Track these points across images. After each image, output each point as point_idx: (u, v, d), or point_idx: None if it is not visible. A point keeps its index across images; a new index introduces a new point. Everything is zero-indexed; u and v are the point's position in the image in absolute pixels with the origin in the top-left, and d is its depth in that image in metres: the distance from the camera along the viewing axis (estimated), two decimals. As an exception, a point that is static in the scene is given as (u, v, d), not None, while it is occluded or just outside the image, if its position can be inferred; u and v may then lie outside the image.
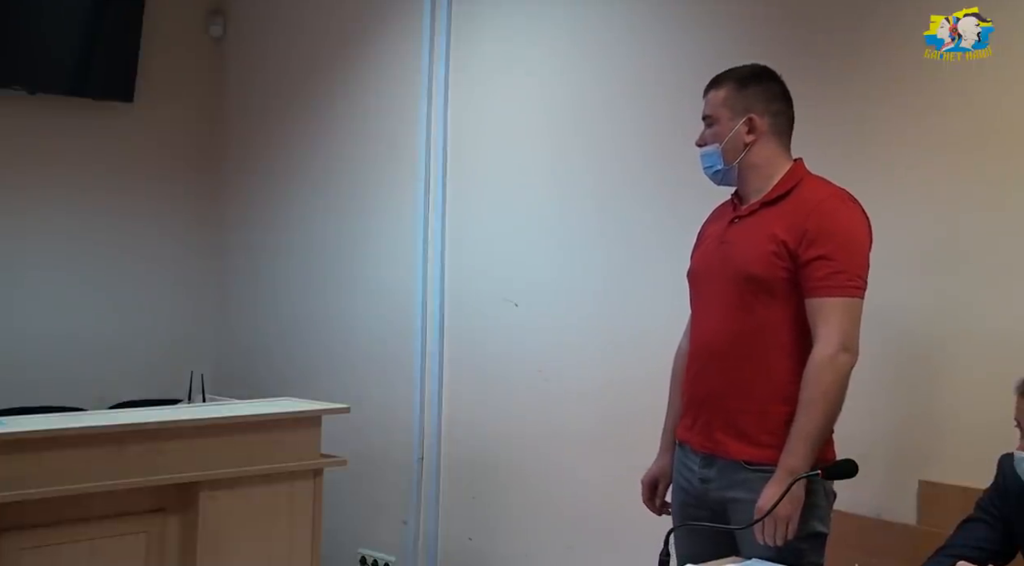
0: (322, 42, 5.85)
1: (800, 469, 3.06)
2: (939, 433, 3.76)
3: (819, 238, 3.20)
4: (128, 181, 6.09)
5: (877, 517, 3.82)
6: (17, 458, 3.58)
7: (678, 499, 3.45)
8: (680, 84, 4.31)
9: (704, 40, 4.33)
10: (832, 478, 3.09)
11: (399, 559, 5.42)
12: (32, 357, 5.67)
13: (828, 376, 3.15)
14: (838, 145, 3.91)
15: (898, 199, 3.82)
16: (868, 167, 3.88)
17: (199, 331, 6.29)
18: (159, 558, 3.95)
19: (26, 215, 5.78)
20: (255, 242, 6.21)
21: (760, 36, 4.10)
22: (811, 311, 3.21)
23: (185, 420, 4.08)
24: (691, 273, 3.48)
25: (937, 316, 3.78)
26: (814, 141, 3.58)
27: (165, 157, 6.23)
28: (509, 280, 5.04)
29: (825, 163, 3.53)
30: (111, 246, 6.04)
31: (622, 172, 4.61)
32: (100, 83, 5.84)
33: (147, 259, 6.16)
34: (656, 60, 4.54)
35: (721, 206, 3.54)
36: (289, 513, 4.19)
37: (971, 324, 3.70)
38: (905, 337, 3.79)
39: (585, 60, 4.78)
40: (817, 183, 3.35)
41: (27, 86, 5.63)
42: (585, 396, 4.58)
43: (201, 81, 6.34)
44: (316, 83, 5.89)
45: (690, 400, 3.41)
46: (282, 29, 6.06)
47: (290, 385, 5.59)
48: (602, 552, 4.14)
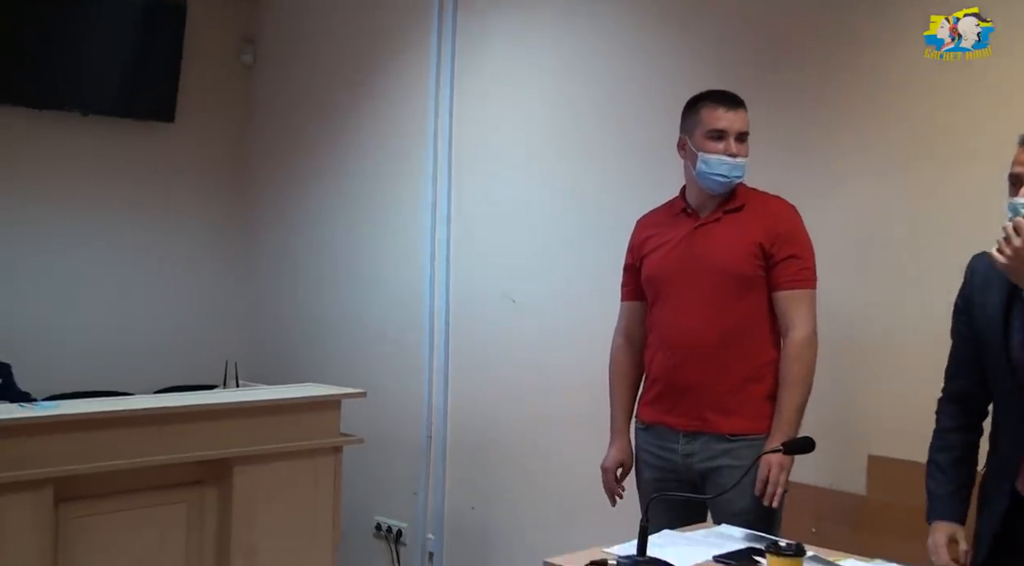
0: (339, 68, 5.84)
1: (793, 436, 3.14)
2: (884, 413, 3.77)
3: (789, 240, 3.32)
4: (170, 192, 6.08)
5: (830, 488, 3.83)
6: (74, 437, 3.58)
7: (648, 475, 3.47)
8: (660, 102, 4.29)
9: (682, 63, 4.33)
10: (792, 453, 3.10)
11: (410, 526, 5.43)
12: (87, 348, 5.67)
13: (809, 354, 3.30)
14: (790, 158, 3.94)
15: (845, 205, 3.85)
16: (816, 180, 3.90)
17: (233, 325, 6.28)
18: (198, 524, 3.94)
19: (83, 223, 5.78)
20: (282, 246, 6.20)
21: (728, 61, 4.11)
22: (783, 301, 3.31)
23: (220, 403, 4.08)
24: (656, 275, 3.47)
25: (881, 308, 3.78)
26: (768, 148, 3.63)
27: (201, 170, 6.23)
28: (507, 280, 5.04)
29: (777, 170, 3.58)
30: (155, 250, 6.03)
31: (608, 183, 4.62)
32: (144, 105, 5.84)
33: (186, 261, 6.16)
34: (640, 80, 4.53)
35: (657, 216, 3.57)
36: (312, 485, 4.18)
37: (910, 315, 3.71)
38: (852, 329, 3.79)
39: (576, 82, 4.77)
40: (764, 193, 3.46)
41: (81, 108, 5.63)
42: (574, 384, 4.58)
43: (233, 102, 6.34)
44: (334, 104, 5.88)
45: (668, 388, 3.42)
46: (305, 57, 6.06)
47: (313, 372, 5.55)
48: (586, 520, 4.15)
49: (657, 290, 3.46)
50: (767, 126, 3.77)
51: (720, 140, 3.32)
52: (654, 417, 3.46)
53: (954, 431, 2.82)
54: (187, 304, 6.15)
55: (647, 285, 3.50)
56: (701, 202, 3.42)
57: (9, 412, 3.59)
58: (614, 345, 3.66)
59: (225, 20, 6.24)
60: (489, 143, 5.15)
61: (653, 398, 3.47)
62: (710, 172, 3.32)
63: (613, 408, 3.63)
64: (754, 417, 3.30)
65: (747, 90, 3.51)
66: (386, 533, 5.52)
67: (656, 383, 3.47)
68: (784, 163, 3.89)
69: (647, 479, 3.47)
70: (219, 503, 3.98)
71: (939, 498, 2.82)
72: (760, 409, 3.31)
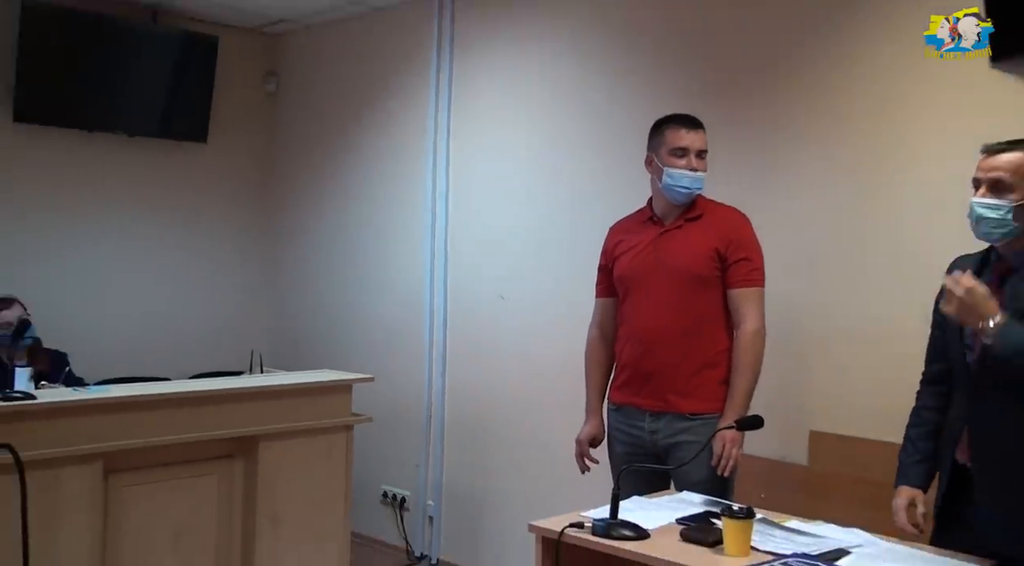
0: (350, 97, 5.84)
1: (744, 415, 3.15)
2: (824, 395, 3.78)
3: (741, 245, 3.33)
4: (203, 203, 6.08)
5: (777, 459, 3.84)
6: (120, 417, 3.58)
7: (619, 450, 3.46)
8: (629, 123, 4.32)
9: (650, 89, 4.33)
10: (743, 429, 3.10)
11: (412, 494, 5.43)
12: (132, 339, 5.67)
13: (759, 344, 3.30)
14: (744, 174, 3.95)
15: (791, 216, 3.86)
16: (767, 193, 3.90)
17: (257, 319, 6.27)
18: (227, 494, 3.93)
19: (128, 230, 5.77)
20: (300, 250, 6.19)
21: (690, 87, 4.11)
22: (736, 298, 3.32)
23: (247, 387, 4.07)
24: (626, 275, 3.46)
25: (822, 305, 3.79)
26: (725, 165, 3.63)
27: (230, 184, 6.21)
28: (497, 280, 5.04)
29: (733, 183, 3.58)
30: (191, 254, 6.02)
31: (584, 195, 4.63)
32: (181, 127, 5.82)
33: (217, 264, 6.15)
34: (612, 105, 4.54)
35: (627, 223, 3.56)
36: (327, 458, 4.17)
37: (848, 312, 3.72)
38: (797, 322, 3.80)
39: (558, 108, 4.78)
40: (721, 204, 3.46)
41: (127, 130, 5.63)
42: (555, 370, 4.58)
43: (258, 126, 6.32)
44: (346, 128, 5.87)
45: (636, 373, 3.41)
46: (321, 87, 6.05)
47: (327, 360, 5.57)
48: (566, 488, 4.14)
49: (627, 288, 3.46)
50: (725, 144, 3.78)
51: (683, 157, 3.32)
52: (624, 399, 3.45)
53: (929, 409, 2.80)
54: (217, 302, 6.14)
55: (618, 284, 3.50)
56: (666, 211, 3.43)
57: (65, 395, 3.59)
58: (589, 336, 3.66)
59: (252, 54, 6.24)
60: (481, 162, 5.15)
61: (623, 383, 3.47)
62: (674, 185, 3.33)
63: (588, 391, 3.63)
64: (710, 399, 3.31)
65: (706, 113, 3.52)
66: (391, 500, 5.52)
67: (625, 369, 3.47)
68: (739, 177, 3.90)
69: (618, 453, 3.47)
70: (246, 475, 3.97)
71: (905, 466, 2.81)
72: (715, 392, 3.32)
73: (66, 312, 5.29)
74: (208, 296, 6.11)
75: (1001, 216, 2.48)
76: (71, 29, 5.30)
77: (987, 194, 2.51)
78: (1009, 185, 2.47)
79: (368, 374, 4.45)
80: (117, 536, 3.60)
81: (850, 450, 3.64)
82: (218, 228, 6.16)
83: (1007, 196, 2.47)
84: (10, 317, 4.39)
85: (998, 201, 2.48)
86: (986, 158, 2.54)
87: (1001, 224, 2.48)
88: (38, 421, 3.38)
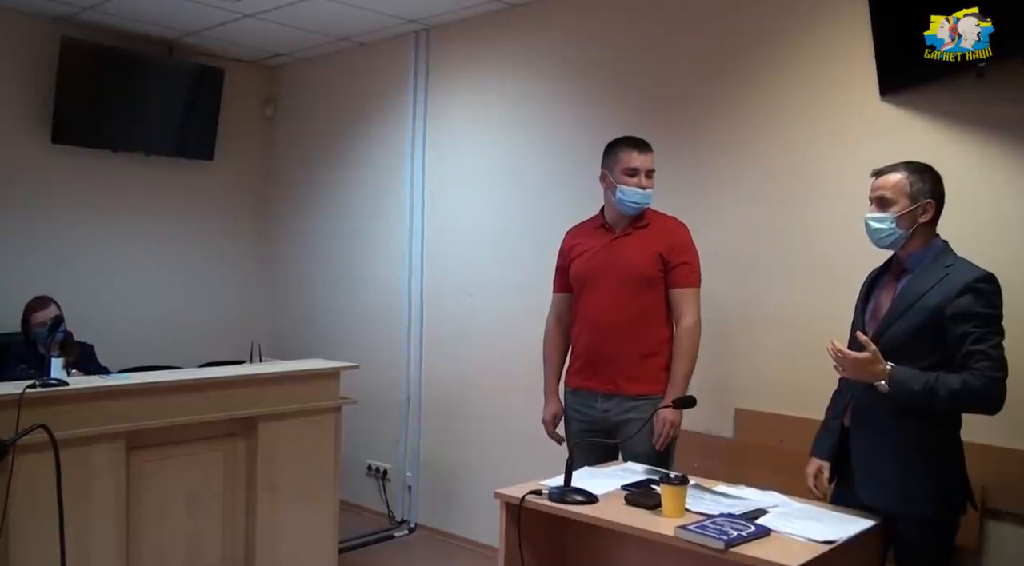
0: (340, 120, 5.81)
1: (682, 396, 3.16)
2: (748, 377, 3.81)
3: (682, 250, 3.35)
4: (210, 213, 6.03)
5: (708, 433, 3.87)
6: (138, 401, 3.55)
7: (575, 428, 3.48)
8: (577, 149, 4.35)
9: (599, 112, 4.34)
10: (680, 408, 3.15)
11: (393, 466, 5.42)
12: (148, 332, 5.61)
13: (695, 336, 3.33)
14: (685, 190, 3.97)
15: (724, 225, 3.88)
16: (704, 206, 3.92)
17: (257, 315, 6.22)
18: (232, 468, 3.91)
19: (145, 238, 5.72)
20: (296, 254, 6.15)
21: (640, 114, 4.13)
22: (677, 297, 3.33)
23: (248, 374, 4.03)
24: (581, 274, 3.47)
25: (747, 301, 3.82)
26: (669, 182, 3.66)
27: (234, 197, 6.17)
28: (466, 279, 5.04)
29: (677, 198, 3.60)
30: (199, 257, 5.97)
31: (542, 204, 4.64)
32: (192, 147, 5.78)
33: (222, 266, 6.10)
34: (566, 126, 4.55)
35: (582, 229, 3.57)
36: (319, 436, 4.14)
37: (767, 307, 3.75)
38: (726, 316, 3.82)
39: (519, 129, 4.79)
40: (665, 215, 3.47)
41: (145, 150, 5.58)
42: (516, 356, 4.60)
43: (259, 146, 6.27)
44: (335, 148, 5.85)
45: (590, 360, 3.42)
46: (313, 112, 6.02)
47: (318, 350, 5.58)
48: (526, 461, 4.16)
49: (582, 285, 3.47)
50: (671, 164, 3.80)
51: (634, 176, 3.33)
52: (579, 383, 3.47)
53: (841, 393, 2.84)
54: (222, 299, 6.10)
55: (574, 282, 3.51)
56: (616, 220, 3.44)
57: (92, 382, 3.57)
58: (547, 327, 3.67)
59: (253, 83, 6.20)
60: (453, 177, 5.15)
61: (578, 369, 3.48)
62: (627, 200, 3.34)
63: (547, 373, 3.63)
64: (653, 382, 3.34)
65: (655, 136, 3.54)
66: (375, 472, 5.51)
67: (580, 357, 3.48)
68: (681, 193, 3.91)
69: (574, 431, 3.49)
70: (248, 450, 3.94)
71: (816, 439, 2.90)
72: (658, 376, 3.34)
73: (92, 309, 5.22)
74: (214, 294, 6.06)
75: (887, 226, 2.63)
76: (100, 62, 5.27)
77: (875, 209, 2.66)
78: (891, 200, 2.62)
79: (354, 362, 4.43)
80: (139, 503, 3.58)
81: (770, 424, 3.68)
82: (223, 235, 6.11)
83: (890, 209, 2.62)
84: (47, 316, 4.40)
85: (883, 214, 2.63)
86: (875, 180, 2.69)
87: (889, 233, 2.63)
88: (70, 404, 3.36)
